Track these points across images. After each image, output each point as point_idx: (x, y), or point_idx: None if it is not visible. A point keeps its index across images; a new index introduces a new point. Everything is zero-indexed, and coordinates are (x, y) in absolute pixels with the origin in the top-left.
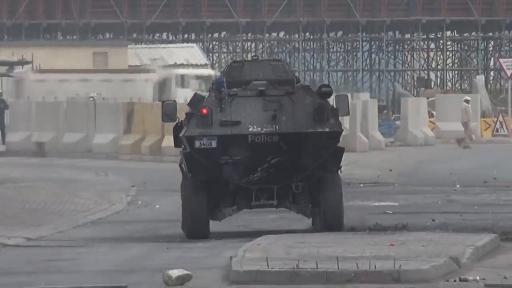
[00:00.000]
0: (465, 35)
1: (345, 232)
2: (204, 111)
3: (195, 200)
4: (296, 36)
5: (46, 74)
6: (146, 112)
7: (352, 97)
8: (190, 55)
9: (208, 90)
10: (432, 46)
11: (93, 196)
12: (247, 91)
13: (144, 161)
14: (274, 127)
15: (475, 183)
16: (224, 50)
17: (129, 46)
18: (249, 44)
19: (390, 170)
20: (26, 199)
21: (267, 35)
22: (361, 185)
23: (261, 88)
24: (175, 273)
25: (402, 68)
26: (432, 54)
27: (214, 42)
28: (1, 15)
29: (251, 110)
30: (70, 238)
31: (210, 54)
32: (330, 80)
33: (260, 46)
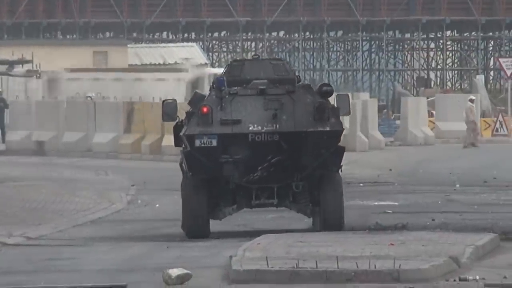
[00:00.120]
0: (465, 35)
1: (345, 232)
2: (205, 110)
3: (195, 199)
4: (296, 36)
5: (79, 73)
6: (146, 111)
7: (352, 97)
8: (190, 55)
9: (209, 89)
10: (432, 46)
11: (93, 195)
12: (248, 90)
13: (144, 160)
14: (275, 126)
15: (475, 183)
16: (224, 50)
17: (129, 46)
18: (249, 44)
19: (390, 170)
20: (26, 198)
21: (267, 35)
22: (361, 185)
23: (262, 87)
24: (175, 272)
25: (402, 68)
26: (432, 54)
27: (214, 42)
28: (1, 14)
29: (252, 109)
30: (70, 237)
31: (210, 54)
32: (330, 80)
33: (260, 46)
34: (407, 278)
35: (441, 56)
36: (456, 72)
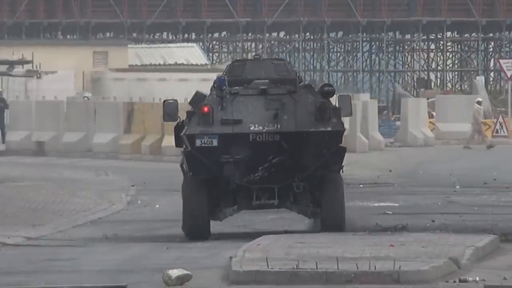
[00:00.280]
0: (466, 36)
1: (345, 233)
2: (205, 109)
3: (196, 200)
4: (296, 36)
5: (125, 73)
6: (146, 112)
7: (352, 98)
8: (190, 55)
9: (210, 89)
10: (432, 47)
11: (93, 196)
12: (249, 90)
13: (144, 161)
14: (276, 126)
15: (475, 184)
16: (225, 50)
17: (129, 46)
18: (249, 44)
19: (390, 171)
20: (26, 199)
21: (267, 35)
22: (361, 186)
23: (263, 87)
24: (175, 273)
25: (402, 69)
26: (432, 55)
27: (214, 42)
28: (2, 14)
29: (253, 109)
30: (70, 238)
31: (210, 54)
32: (330, 81)
33: (260, 46)
34: (407, 279)
35: (441, 57)
36: (456, 73)
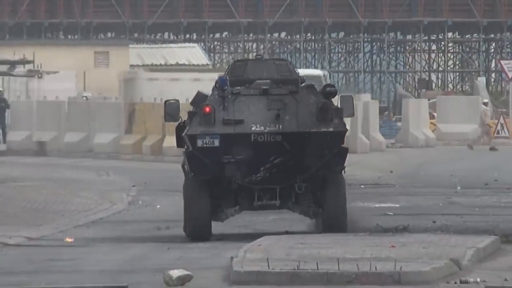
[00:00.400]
0: (467, 37)
1: (346, 233)
2: (207, 109)
3: (197, 202)
4: (298, 37)
5: (158, 73)
6: (147, 112)
7: (354, 98)
8: (192, 55)
9: (211, 89)
10: (434, 48)
11: (94, 196)
12: (251, 90)
13: (145, 161)
14: (278, 127)
15: (476, 185)
16: (226, 51)
17: (131, 46)
18: (251, 45)
19: (391, 172)
20: (27, 199)
21: (269, 36)
22: (362, 187)
23: (265, 87)
24: (176, 273)
25: (403, 70)
26: (434, 56)
27: (216, 42)
28: (3, 14)
29: (255, 109)
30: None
31: (212, 54)
32: (331, 81)
33: (262, 47)
34: (408, 280)
35: (443, 58)
36: (458, 74)
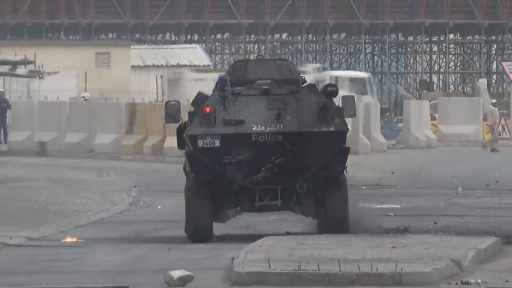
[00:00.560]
0: (468, 38)
1: (347, 234)
2: (207, 110)
3: (198, 203)
4: (299, 38)
5: (205, 73)
6: (148, 113)
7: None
8: (193, 56)
9: (212, 90)
10: (435, 49)
11: (95, 197)
12: (251, 90)
13: (146, 162)
14: (278, 126)
15: (477, 186)
16: (227, 51)
17: (132, 47)
18: (252, 46)
19: (392, 173)
20: (28, 199)
21: (270, 37)
22: (363, 188)
23: (265, 87)
24: (177, 274)
25: (405, 71)
26: (435, 57)
27: (217, 43)
28: (4, 15)
29: (255, 109)
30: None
31: (213, 55)
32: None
33: (263, 48)
34: (409, 281)
35: (444, 59)
36: (459, 76)
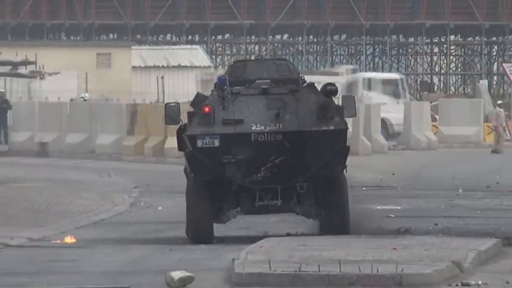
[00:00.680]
0: (469, 40)
1: (348, 236)
2: (206, 109)
3: (199, 205)
4: (300, 39)
5: None
6: (149, 113)
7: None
8: (194, 57)
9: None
10: (436, 50)
11: (96, 197)
12: (250, 89)
13: (147, 163)
14: (278, 126)
15: (478, 188)
16: (228, 52)
17: (133, 47)
18: (253, 47)
19: (393, 174)
20: (29, 200)
21: (271, 38)
22: (364, 189)
23: (264, 86)
24: (177, 275)
25: (406, 72)
26: (436, 58)
27: (218, 44)
28: (5, 15)
29: (254, 109)
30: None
31: (214, 56)
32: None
33: (264, 49)
34: (410, 283)
35: (445, 61)
36: (460, 77)
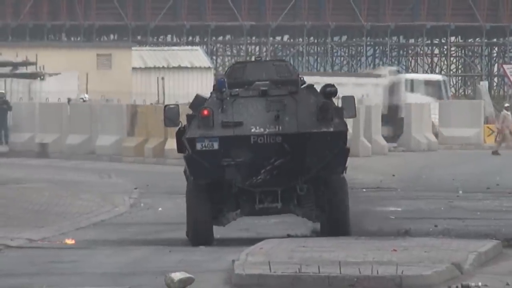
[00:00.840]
0: (469, 41)
1: (348, 237)
2: (205, 112)
3: (198, 207)
4: (300, 40)
5: (311, 77)
6: (150, 114)
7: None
8: (194, 58)
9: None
10: (436, 52)
11: (96, 198)
12: (249, 91)
13: (147, 164)
14: (277, 128)
15: (478, 189)
16: (228, 53)
17: (133, 48)
18: (253, 48)
19: (393, 175)
20: (29, 200)
21: (271, 39)
22: (364, 190)
23: (264, 88)
24: (178, 276)
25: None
26: (436, 60)
27: (218, 45)
28: (6, 16)
29: (254, 111)
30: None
31: (214, 57)
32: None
33: (264, 50)
34: (410, 284)
35: (445, 62)
36: (460, 78)
